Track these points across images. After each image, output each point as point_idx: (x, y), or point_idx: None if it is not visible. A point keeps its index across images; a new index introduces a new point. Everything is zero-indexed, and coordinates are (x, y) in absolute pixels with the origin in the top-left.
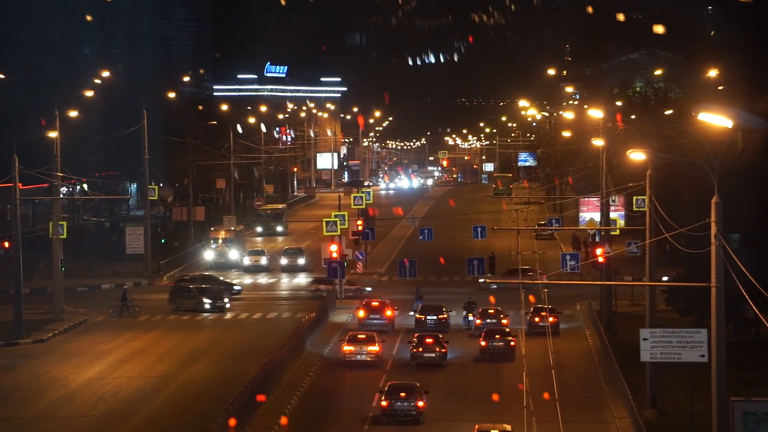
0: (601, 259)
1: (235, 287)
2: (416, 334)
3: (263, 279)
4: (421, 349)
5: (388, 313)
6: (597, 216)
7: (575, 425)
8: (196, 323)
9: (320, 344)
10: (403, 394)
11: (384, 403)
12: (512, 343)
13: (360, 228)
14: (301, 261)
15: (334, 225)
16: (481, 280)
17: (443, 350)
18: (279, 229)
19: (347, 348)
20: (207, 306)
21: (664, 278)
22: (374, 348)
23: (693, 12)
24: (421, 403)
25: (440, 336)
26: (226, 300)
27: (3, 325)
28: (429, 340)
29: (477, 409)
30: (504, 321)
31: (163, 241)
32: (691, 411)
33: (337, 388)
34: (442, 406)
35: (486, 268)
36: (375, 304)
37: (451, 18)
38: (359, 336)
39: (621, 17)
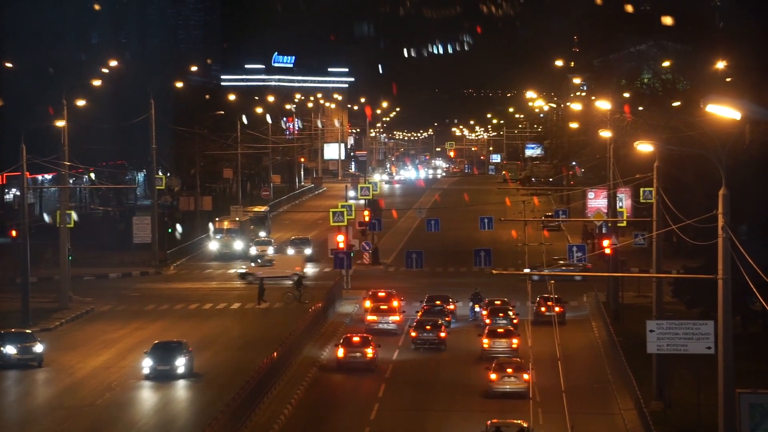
0: (608, 251)
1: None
2: (423, 308)
3: None
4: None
5: (395, 303)
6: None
7: (581, 416)
8: (203, 313)
9: (327, 336)
10: (428, 327)
11: (413, 334)
12: (515, 321)
13: (367, 219)
14: (308, 251)
15: (341, 215)
16: (494, 272)
17: (447, 318)
18: (262, 234)
19: (371, 317)
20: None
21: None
22: (395, 318)
23: (701, 3)
24: (443, 334)
25: (445, 306)
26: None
27: (10, 313)
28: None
29: None
30: (510, 312)
31: (170, 231)
32: (698, 403)
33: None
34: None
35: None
36: (382, 294)
37: (459, 8)
38: (381, 307)
39: (629, 8)
